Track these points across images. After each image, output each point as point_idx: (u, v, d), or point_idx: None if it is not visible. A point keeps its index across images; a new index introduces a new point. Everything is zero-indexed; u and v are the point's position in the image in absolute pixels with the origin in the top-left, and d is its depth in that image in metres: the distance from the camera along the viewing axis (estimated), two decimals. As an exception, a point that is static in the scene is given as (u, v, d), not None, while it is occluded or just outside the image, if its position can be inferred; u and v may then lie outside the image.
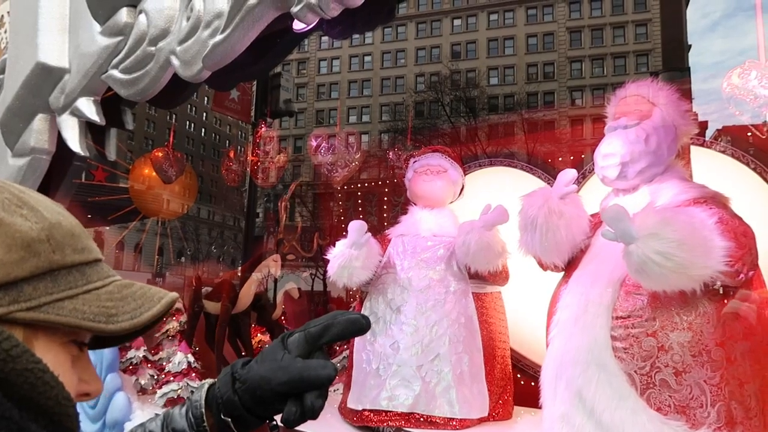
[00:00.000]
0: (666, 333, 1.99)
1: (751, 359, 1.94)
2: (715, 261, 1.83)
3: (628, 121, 2.42)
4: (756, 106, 2.64)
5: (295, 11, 2.44)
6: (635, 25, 40.25)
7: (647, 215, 1.93)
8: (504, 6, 43.92)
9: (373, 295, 3.45)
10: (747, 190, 3.99)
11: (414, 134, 31.42)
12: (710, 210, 2.07)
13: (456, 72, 37.37)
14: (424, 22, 46.09)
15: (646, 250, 1.85)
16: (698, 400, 1.92)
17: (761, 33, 2.55)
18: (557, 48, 42.09)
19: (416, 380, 3.09)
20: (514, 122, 31.09)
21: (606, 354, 2.07)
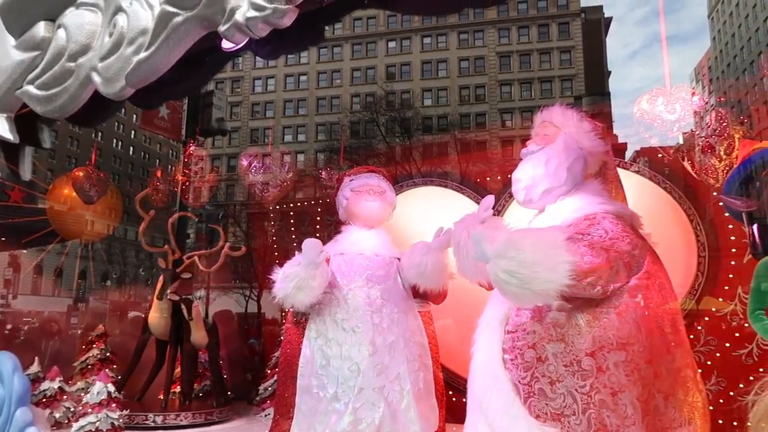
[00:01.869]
0: (543, 344, 2.10)
1: (626, 369, 1.99)
2: (560, 276, 1.90)
3: (534, 147, 2.58)
4: (663, 130, 2.83)
5: (223, 30, 2.42)
6: (560, 51, 42.26)
7: (499, 236, 2.04)
8: (437, 30, 45.05)
9: (318, 317, 3.31)
10: (661, 207, 4.26)
11: (350, 153, 31.55)
12: (593, 226, 2.17)
13: (391, 93, 37.87)
14: (359, 43, 46.57)
15: (496, 269, 1.98)
16: (571, 408, 2.01)
17: (667, 63, 2.75)
18: (488, 71, 43.52)
19: (380, 401, 3.07)
20: (448, 142, 31.77)
21: (498, 365, 2.21)
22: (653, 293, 2.13)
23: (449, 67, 44.39)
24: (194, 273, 6.10)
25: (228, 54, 3.01)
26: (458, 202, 4.91)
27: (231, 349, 6.29)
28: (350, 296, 3.32)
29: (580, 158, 2.49)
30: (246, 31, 2.37)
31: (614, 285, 2.04)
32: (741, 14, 51.61)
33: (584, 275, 1.93)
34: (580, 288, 1.96)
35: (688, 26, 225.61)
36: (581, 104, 30.46)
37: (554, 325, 2.12)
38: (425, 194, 5.15)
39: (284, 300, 3.20)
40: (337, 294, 3.34)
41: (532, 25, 43.41)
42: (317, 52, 46.66)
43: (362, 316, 3.26)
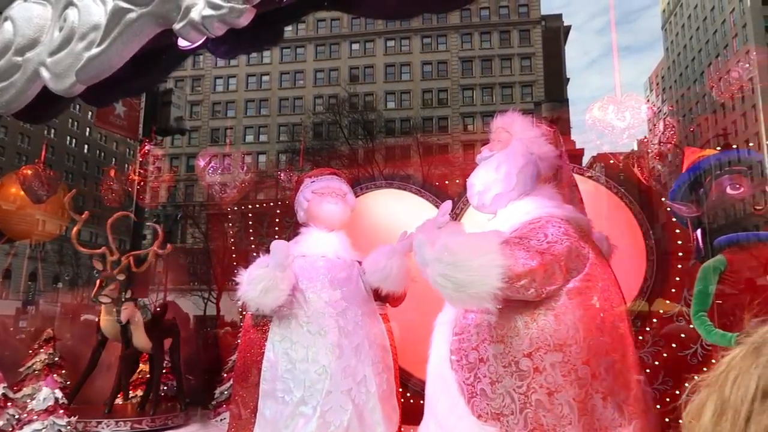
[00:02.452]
0: (485, 346, 2.16)
1: (563, 369, 2.05)
2: (492, 279, 1.96)
3: (488, 152, 2.63)
4: (613, 137, 2.91)
5: (178, 28, 2.38)
6: (521, 57, 43.06)
7: (437, 241, 2.10)
8: (400, 33, 45.28)
9: (282, 320, 3.26)
10: (614, 212, 4.39)
11: (312, 155, 31.39)
12: (535, 229, 2.24)
13: (354, 95, 37.84)
14: (323, 45, 46.41)
15: (433, 273, 2.05)
16: (509, 408, 2.07)
17: (618, 72, 2.83)
18: (450, 76, 43.99)
19: (348, 404, 3.07)
20: (410, 145, 31.92)
21: (446, 367, 2.27)
22: (594, 295, 2.18)
23: (412, 70, 44.67)
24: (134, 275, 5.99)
25: (185, 52, 2.96)
26: (418, 205, 4.94)
27: (186, 352, 6.17)
28: (314, 299, 3.29)
29: (531, 163, 2.54)
30: (202, 30, 2.34)
31: (550, 287, 2.09)
32: (692, 27, 53.61)
33: (517, 278, 1.99)
34: (513, 290, 2.02)
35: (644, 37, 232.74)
36: (540, 110, 31.09)
37: (495, 327, 2.17)
38: (386, 197, 5.16)
39: (250, 302, 3.13)
40: (300, 297, 3.29)
41: (494, 32, 44.10)
42: (280, 52, 46.31)
43: (327, 318, 3.23)
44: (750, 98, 42.32)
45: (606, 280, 2.27)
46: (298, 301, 3.29)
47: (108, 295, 5.28)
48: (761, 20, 43.50)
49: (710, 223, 3.09)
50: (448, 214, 2.74)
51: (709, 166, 3.08)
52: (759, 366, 0.65)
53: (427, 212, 4.79)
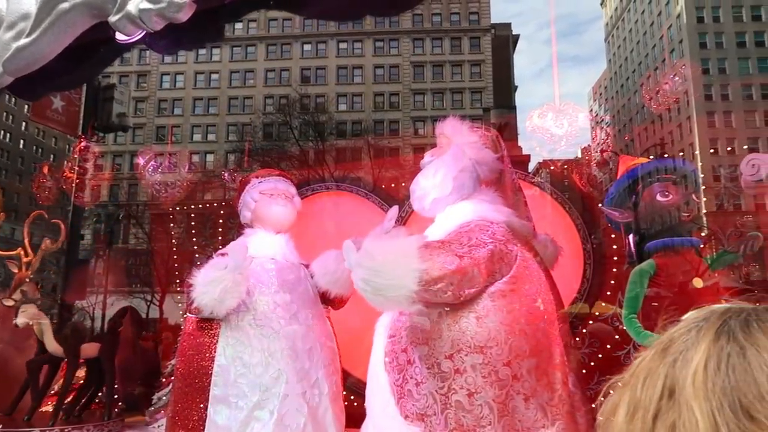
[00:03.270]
0: (413, 348, 2.22)
1: (483, 371, 2.10)
2: (409, 283, 2.02)
3: (429, 158, 2.67)
4: (552, 144, 2.99)
5: (114, 21, 2.31)
6: (471, 64, 43.85)
7: (361, 246, 2.16)
8: (353, 36, 45.31)
9: (233, 323, 3.16)
10: (555, 217, 4.52)
11: (262, 155, 30.96)
12: (461, 233, 2.29)
13: (305, 96, 37.61)
14: (274, 44, 45.92)
15: (355, 278, 2.11)
16: (432, 408, 2.12)
17: (557, 82, 2.91)
18: (402, 80, 44.33)
19: (303, 406, 3.05)
20: (361, 148, 31.93)
21: (380, 368, 2.33)
22: (519, 297, 2.22)
23: (364, 73, 44.76)
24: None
25: (123, 46, 2.86)
26: (365, 208, 4.95)
27: (123, 356, 5.96)
28: (267, 302, 3.22)
29: (468, 168, 2.58)
30: (139, 24, 2.27)
31: (468, 290, 2.13)
32: (633, 40, 55.92)
33: (434, 282, 2.04)
34: (430, 294, 2.06)
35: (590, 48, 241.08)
36: (489, 116, 31.69)
37: (421, 329, 2.22)
38: (332, 200, 5.14)
39: (207, 305, 2.98)
40: (252, 299, 3.21)
41: (445, 38, 44.73)
42: (230, 50, 45.55)
43: (281, 321, 3.18)
44: (685, 110, 44.57)
45: (534, 283, 2.30)
46: (250, 304, 3.23)
47: (13, 298, 5.02)
48: (696, 37, 45.80)
49: (647, 229, 3.21)
50: (395, 219, 2.80)
51: (642, 173, 3.21)
52: (665, 365, 0.68)
53: (374, 215, 4.81)
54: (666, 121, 46.89)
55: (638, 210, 3.16)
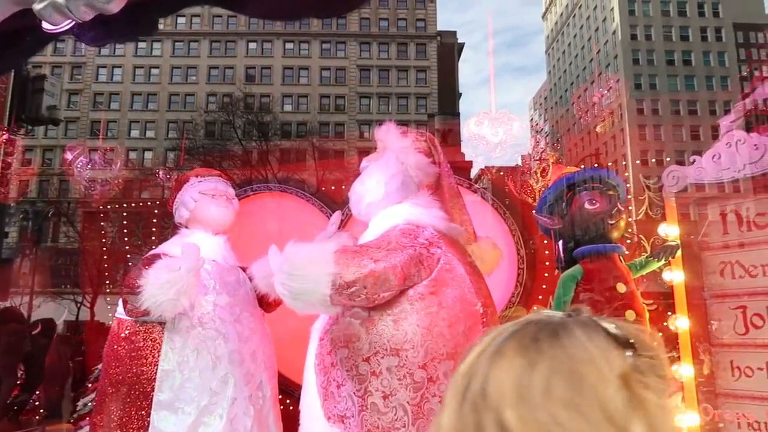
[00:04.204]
0: (335, 350, 2.25)
1: (398, 373, 2.14)
2: (322, 287, 2.07)
3: (365, 163, 2.70)
4: (487, 151, 3.06)
5: (39, 9, 2.20)
6: (416, 70, 44.35)
7: (282, 252, 2.20)
8: (300, 37, 44.99)
9: (178, 326, 3.05)
10: (493, 222, 4.63)
11: (203, 154, 30.24)
12: (382, 237, 2.33)
13: (250, 95, 37.02)
14: (218, 41, 44.97)
15: (276, 282, 2.15)
16: (351, 411, 2.16)
17: (493, 91, 2.98)
18: (348, 83, 44.34)
19: (250, 409, 3.02)
20: (306, 149, 31.71)
21: (311, 370, 2.36)
22: (438, 301, 2.24)
23: (311, 75, 44.50)
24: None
25: (50, 35, 2.73)
26: (307, 210, 4.91)
27: (48, 361, 5.68)
28: (210, 304, 3.14)
29: (400, 173, 2.60)
30: (66, 13, 2.18)
31: (383, 294, 2.15)
32: (572, 54, 58.09)
33: (346, 286, 2.08)
34: (344, 297, 2.10)
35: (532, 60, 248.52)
36: (434, 122, 32.15)
37: (343, 332, 2.25)
38: (274, 201, 5.08)
39: (159, 307, 2.85)
40: (197, 302, 3.11)
41: (392, 43, 45.06)
42: (172, 45, 44.30)
43: (225, 324, 3.11)
44: (619, 123, 46.66)
45: (457, 286, 2.31)
46: (196, 307, 3.15)
47: None
48: (630, 53, 48.07)
49: (576, 236, 3.32)
50: (338, 223, 2.81)
51: (572, 182, 3.33)
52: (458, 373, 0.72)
53: (315, 218, 4.78)
54: (601, 133, 48.87)
55: (568, 217, 3.27)
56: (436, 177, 2.79)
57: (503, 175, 3.97)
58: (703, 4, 48.89)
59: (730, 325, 3.00)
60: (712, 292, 3.10)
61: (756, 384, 2.90)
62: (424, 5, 45.48)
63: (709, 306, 3.10)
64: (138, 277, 2.89)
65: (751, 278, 2.95)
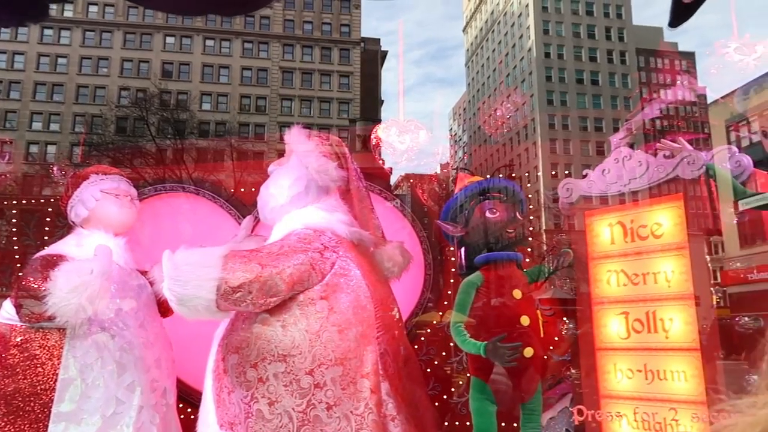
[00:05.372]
0: (228, 356, 2.24)
1: (285, 379, 2.14)
2: (207, 292, 2.09)
3: (272, 167, 2.70)
4: (394, 158, 3.11)
5: None
6: (340, 75, 44.42)
7: (170, 257, 2.20)
8: (221, 34, 43.90)
9: (78, 332, 2.89)
10: (401, 227, 4.69)
11: (113, 151, 28.73)
12: (276, 242, 2.35)
13: (166, 91, 35.64)
14: (133, 33, 43.00)
15: (163, 288, 2.16)
16: (239, 417, 2.15)
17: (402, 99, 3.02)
18: (270, 84, 43.71)
19: (156, 417, 2.91)
20: (224, 150, 30.96)
21: (209, 376, 2.35)
22: (329, 306, 2.24)
23: (231, 73, 43.52)
24: None
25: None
26: (219, 213, 4.77)
27: None
28: (114, 309, 2.98)
29: (303, 177, 2.60)
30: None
31: (270, 299, 2.15)
32: (490, 68, 60.30)
33: (232, 291, 2.08)
34: (230, 302, 2.10)
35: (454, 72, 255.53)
36: (355, 127, 32.28)
37: (235, 337, 2.24)
38: (186, 203, 4.89)
39: (68, 312, 2.67)
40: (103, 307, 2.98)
41: (316, 47, 44.90)
42: (82, 34, 41.90)
43: (131, 330, 2.99)
44: (532, 135, 48.92)
45: (352, 291, 2.32)
46: (97, 312, 2.98)
47: None
48: (543, 70, 50.52)
49: (483, 243, 3.42)
50: (250, 228, 2.84)
51: (475, 191, 3.44)
52: None
53: (226, 222, 4.66)
54: (516, 144, 51.04)
55: (470, 225, 3.37)
56: (345, 181, 2.80)
57: (412, 183, 4.04)
58: (610, 28, 52.23)
59: (614, 330, 3.20)
60: (599, 298, 3.29)
61: (636, 385, 3.10)
62: (349, 11, 45.69)
63: (596, 312, 3.29)
64: (40, 280, 2.72)
65: (634, 286, 3.16)
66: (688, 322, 2.95)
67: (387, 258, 2.85)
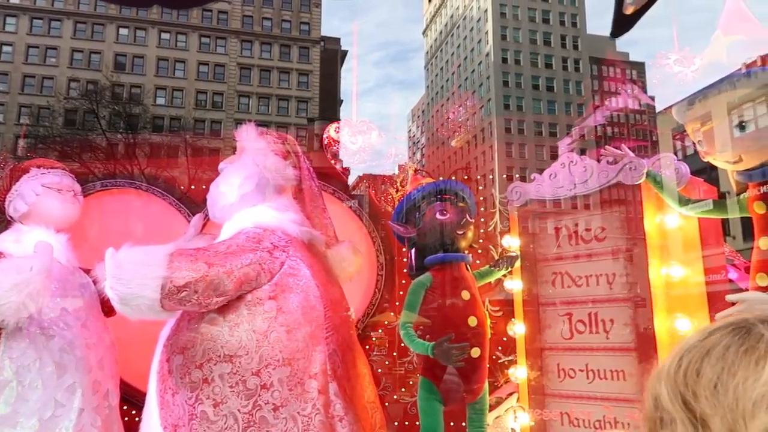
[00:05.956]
0: (172, 357, 2.20)
1: (231, 380, 2.12)
2: (150, 291, 2.04)
3: (223, 164, 2.66)
4: (346, 158, 3.11)
5: None
6: (299, 73, 44.06)
7: (112, 254, 2.14)
8: (177, 27, 42.94)
9: (18, 333, 2.80)
10: (355, 228, 4.69)
11: (61, 144, 27.70)
12: (225, 241, 2.31)
13: (118, 84, 34.62)
14: (84, 23, 41.57)
15: (105, 287, 2.10)
16: (182, 419, 2.11)
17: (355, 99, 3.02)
18: (227, 80, 43.00)
19: (97, 420, 2.85)
20: (179, 146, 30.32)
21: (153, 377, 2.29)
22: (278, 306, 2.23)
23: (187, 68, 42.61)
24: None
25: None
26: (169, 211, 4.67)
27: None
28: (55, 308, 2.91)
29: (255, 176, 2.57)
30: None
31: (217, 299, 2.12)
32: (449, 71, 60.92)
33: (177, 290, 2.04)
34: (175, 302, 2.06)
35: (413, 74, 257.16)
36: (314, 126, 32.11)
37: (180, 338, 2.19)
38: (137, 199, 4.76)
39: (6, 311, 2.58)
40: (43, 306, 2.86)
41: (275, 44, 44.42)
42: (29, 22, 40.23)
43: (73, 330, 2.91)
44: (489, 139, 49.71)
45: (302, 292, 2.30)
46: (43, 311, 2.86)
47: None
48: (500, 75, 51.40)
49: (433, 244, 3.45)
50: (199, 226, 2.80)
51: (426, 192, 3.48)
52: None
53: (169, 218, 4.56)
54: (473, 147, 51.76)
55: (420, 226, 3.41)
56: (297, 180, 2.78)
57: (366, 184, 4.05)
58: (565, 36, 53.55)
59: (558, 331, 3.29)
60: (545, 300, 3.38)
61: (578, 384, 3.19)
62: (309, 9, 45.38)
63: (542, 313, 3.37)
64: None
65: (577, 287, 3.26)
66: (626, 323, 3.06)
67: (339, 258, 2.84)
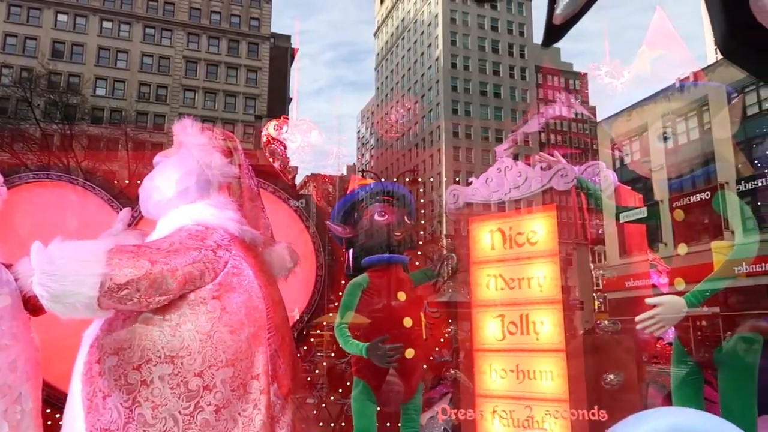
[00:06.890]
0: (105, 358, 2.11)
1: (171, 382, 2.06)
2: (87, 289, 1.95)
3: (158, 158, 2.57)
4: (284, 155, 3.07)
5: None
6: (247, 69, 43.32)
7: (41, 249, 2.04)
8: (120, 17, 41.49)
9: None
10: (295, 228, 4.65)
11: (-8, 133, 26.28)
12: (166, 239, 2.23)
13: (55, 73, 33.12)
14: (18, 6, 39.57)
15: (34, 283, 1.99)
16: (116, 423, 2.03)
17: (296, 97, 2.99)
18: (172, 73, 41.85)
19: (3, 426, 2.67)
20: (119, 139, 29.34)
21: (77, 380, 2.16)
22: (221, 306, 2.18)
23: (130, 59, 41.20)
24: None
25: None
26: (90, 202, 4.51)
27: None
28: None
29: (194, 171, 2.50)
30: None
31: (159, 298, 2.06)
32: (399, 74, 61.35)
33: (117, 288, 1.96)
34: (114, 300, 1.98)
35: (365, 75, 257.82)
36: (261, 124, 31.64)
37: (113, 338, 2.09)
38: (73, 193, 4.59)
39: None
40: None
41: (223, 38, 43.55)
42: (-43, 3, 38.01)
43: None
44: (437, 142, 50.35)
45: (244, 291, 2.26)
46: None
47: None
48: (449, 80, 52.18)
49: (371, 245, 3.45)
50: (126, 221, 2.68)
51: (365, 193, 3.49)
52: None
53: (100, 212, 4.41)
54: (422, 150, 52.31)
55: (358, 227, 3.41)
56: (236, 178, 2.73)
57: (308, 183, 4.02)
58: (513, 45, 54.85)
59: (491, 332, 3.36)
60: (479, 302, 3.44)
61: (508, 384, 3.27)
62: (259, 5, 44.73)
63: (476, 315, 3.43)
64: None
65: (510, 290, 3.33)
66: (556, 324, 3.15)
67: (276, 258, 2.81)
